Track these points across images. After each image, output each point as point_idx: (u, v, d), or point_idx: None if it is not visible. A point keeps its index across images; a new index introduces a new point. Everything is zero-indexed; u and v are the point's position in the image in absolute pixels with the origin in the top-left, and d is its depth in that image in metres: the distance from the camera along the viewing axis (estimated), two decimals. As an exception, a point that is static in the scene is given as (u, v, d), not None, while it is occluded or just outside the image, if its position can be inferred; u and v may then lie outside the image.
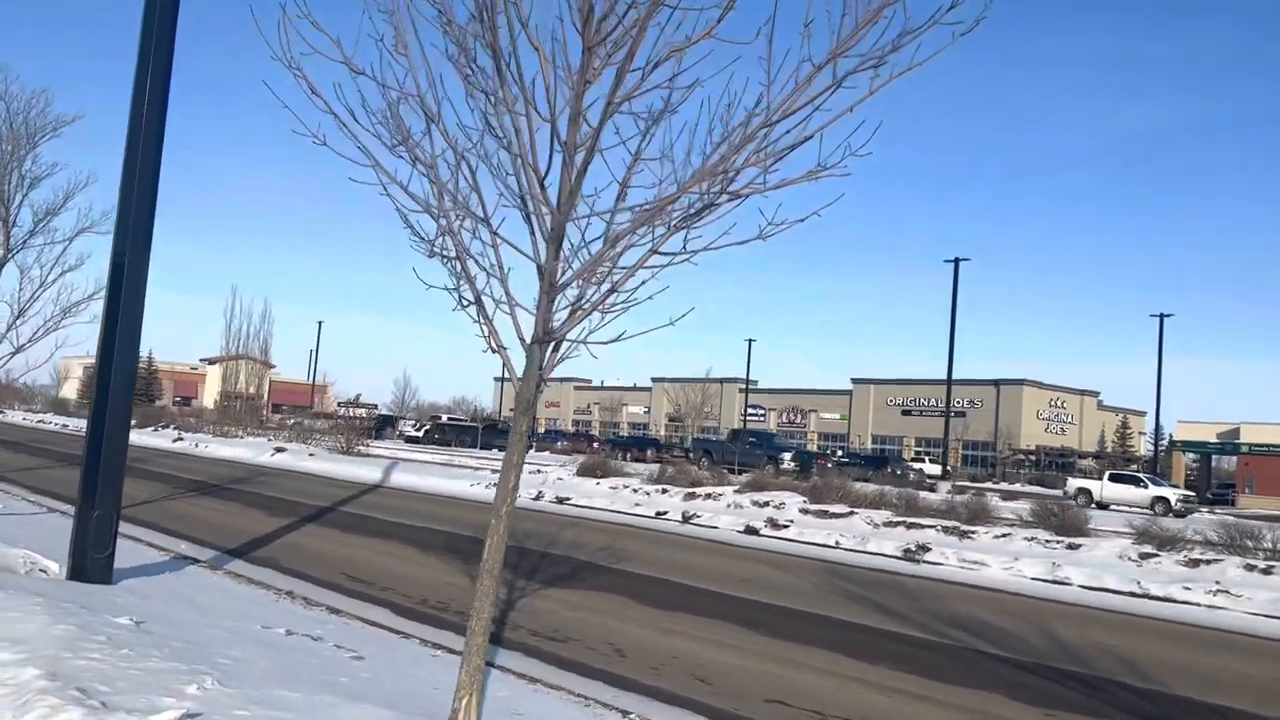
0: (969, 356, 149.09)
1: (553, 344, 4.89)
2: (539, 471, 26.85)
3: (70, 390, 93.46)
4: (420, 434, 64.44)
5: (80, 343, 14.82)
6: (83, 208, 13.74)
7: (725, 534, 18.88)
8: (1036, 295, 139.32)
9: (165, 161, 8.89)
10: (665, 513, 20.78)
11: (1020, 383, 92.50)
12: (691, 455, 54.38)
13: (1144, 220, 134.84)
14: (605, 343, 4.70)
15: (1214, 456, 79.54)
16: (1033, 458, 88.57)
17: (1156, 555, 14.63)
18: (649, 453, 57.82)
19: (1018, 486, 65.09)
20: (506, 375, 5.39)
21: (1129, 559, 14.77)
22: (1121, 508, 44.06)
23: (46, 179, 13.85)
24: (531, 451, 62.46)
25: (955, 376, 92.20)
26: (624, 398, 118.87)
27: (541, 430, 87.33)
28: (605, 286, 4.92)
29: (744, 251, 4.94)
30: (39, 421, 56.29)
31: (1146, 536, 15.57)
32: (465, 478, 27.30)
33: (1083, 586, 14.17)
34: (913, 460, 79.78)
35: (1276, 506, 59.80)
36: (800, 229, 4.79)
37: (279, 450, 33.34)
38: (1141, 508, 45.65)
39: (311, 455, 32.66)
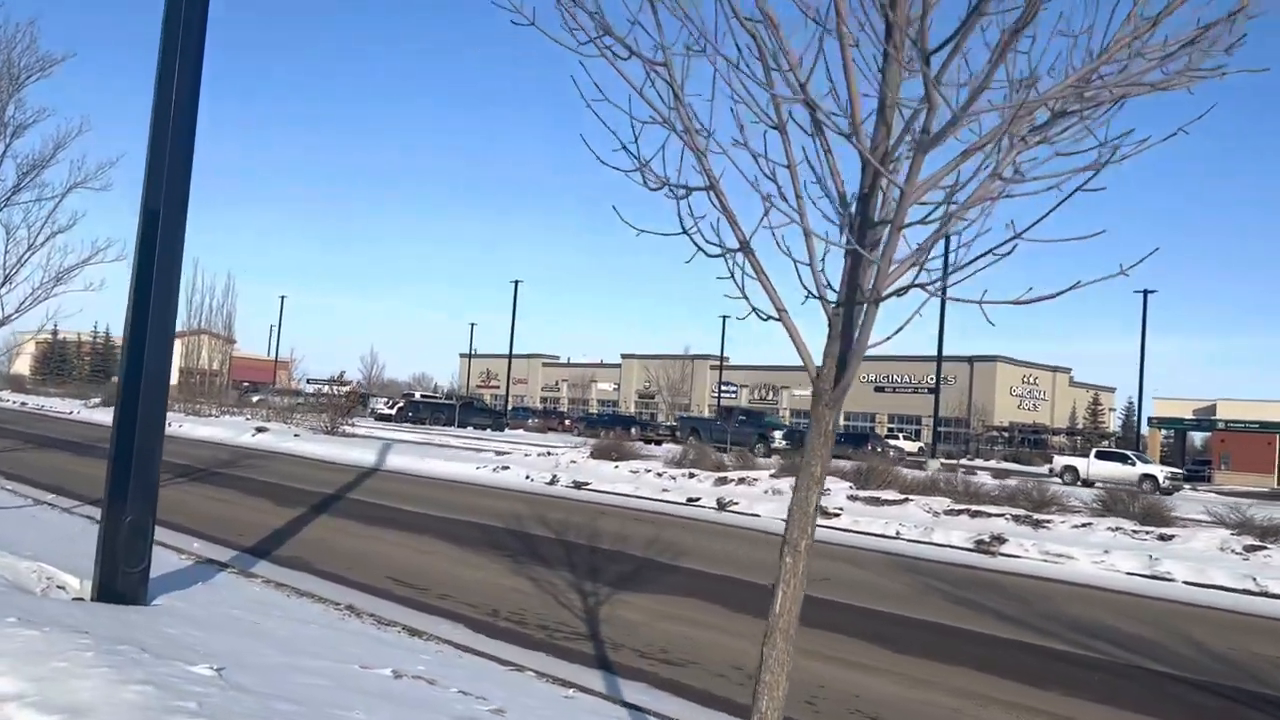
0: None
1: (869, 305, 3.43)
2: (549, 453, 25.34)
3: (23, 366, 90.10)
4: (393, 412, 62.42)
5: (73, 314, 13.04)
6: (75, 159, 11.88)
7: (769, 523, 17.49)
8: (1005, 270, 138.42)
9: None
10: (697, 499, 19.39)
11: (993, 359, 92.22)
12: (679, 434, 53.10)
13: (1115, 192, 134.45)
14: (1022, 301, 3.22)
15: (1188, 433, 79.89)
16: (1006, 434, 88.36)
17: (1264, 548, 13.51)
18: (632, 431, 56.34)
19: (993, 463, 64.57)
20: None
21: (1232, 551, 13.64)
22: (1108, 485, 43.38)
23: (33, 126, 11.97)
24: (506, 430, 60.82)
25: (930, 353, 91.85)
26: (594, 374, 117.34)
27: (510, 407, 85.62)
28: (934, 224, 3.48)
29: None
30: (-7, 399, 53.67)
31: (1246, 527, 14.45)
32: (467, 460, 25.70)
33: (1188, 583, 13.00)
34: (887, 436, 79.43)
35: (1253, 483, 59.88)
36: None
37: (260, 430, 31.48)
38: (1129, 485, 45.06)
39: (297, 435, 30.81)
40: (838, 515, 17.17)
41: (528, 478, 22.53)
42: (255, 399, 63.44)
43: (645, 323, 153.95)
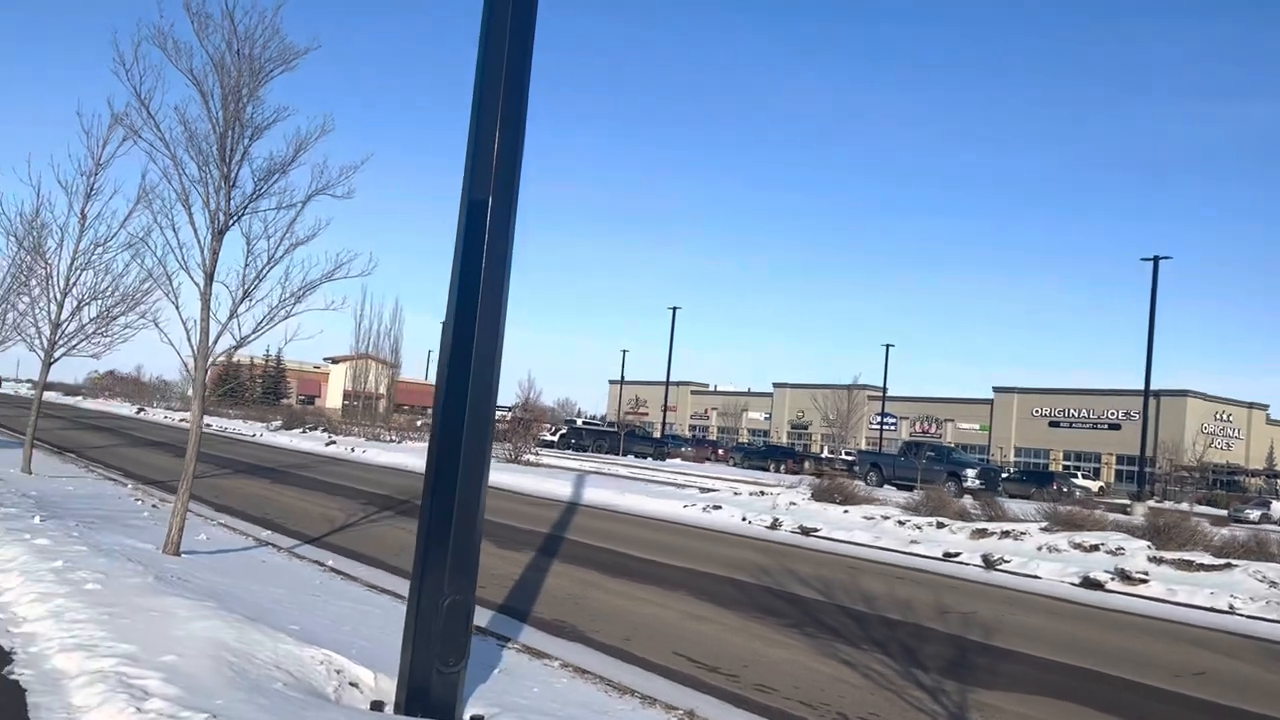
0: (1121, 365, 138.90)
1: None
2: (762, 493, 23.27)
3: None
4: (555, 438, 61.73)
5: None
6: (315, 164, 10.51)
7: (1054, 586, 14.92)
8: (1193, 301, 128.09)
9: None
10: (956, 554, 16.91)
11: (1183, 394, 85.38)
12: (857, 468, 50.28)
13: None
14: None
15: None
16: (1196, 474, 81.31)
17: None
18: (806, 465, 53.76)
19: (1184, 506, 59.09)
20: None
21: None
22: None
23: (272, 126, 10.67)
24: (666, 459, 58.98)
25: (1111, 387, 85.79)
26: (745, 403, 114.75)
27: (657, 436, 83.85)
28: None
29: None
30: (181, 420, 55.09)
31: None
32: (670, 496, 23.86)
33: None
34: (1068, 474, 74.42)
35: None
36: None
37: (445, 458, 30.44)
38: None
39: (483, 465, 29.67)
40: (1144, 581, 14.44)
41: (745, 520, 20.48)
42: (418, 423, 63.74)
43: (793, 350, 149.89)
